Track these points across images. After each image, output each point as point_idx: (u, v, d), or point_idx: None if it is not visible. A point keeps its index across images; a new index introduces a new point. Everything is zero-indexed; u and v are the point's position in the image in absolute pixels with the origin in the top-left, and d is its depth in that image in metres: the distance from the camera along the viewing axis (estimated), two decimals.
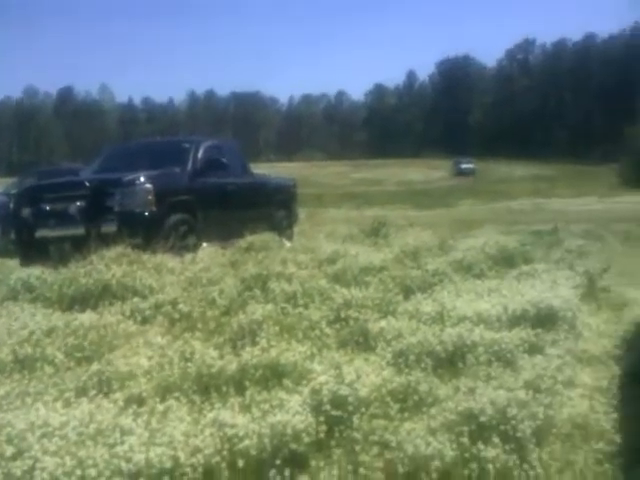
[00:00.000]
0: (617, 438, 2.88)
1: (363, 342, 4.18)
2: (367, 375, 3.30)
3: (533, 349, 3.95)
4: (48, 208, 8.15)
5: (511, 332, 4.12)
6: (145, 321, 4.78)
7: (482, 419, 2.82)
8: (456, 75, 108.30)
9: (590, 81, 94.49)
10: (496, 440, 2.68)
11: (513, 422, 2.77)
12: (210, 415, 2.86)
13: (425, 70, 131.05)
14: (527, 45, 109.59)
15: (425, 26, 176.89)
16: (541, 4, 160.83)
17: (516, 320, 4.44)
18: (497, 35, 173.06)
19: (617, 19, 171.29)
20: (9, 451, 2.46)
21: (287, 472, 2.53)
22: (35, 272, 6.22)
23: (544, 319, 4.48)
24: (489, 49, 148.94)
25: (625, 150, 55.58)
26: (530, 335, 4.08)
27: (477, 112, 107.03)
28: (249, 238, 8.26)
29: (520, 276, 6.05)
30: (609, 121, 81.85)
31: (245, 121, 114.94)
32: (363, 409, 2.98)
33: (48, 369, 3.75)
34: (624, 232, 12.59)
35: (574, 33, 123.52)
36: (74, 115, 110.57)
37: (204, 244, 8.38)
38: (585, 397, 3.28)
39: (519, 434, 2.73)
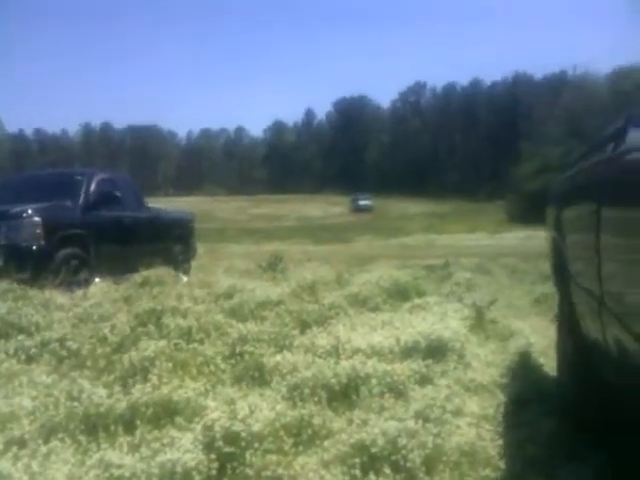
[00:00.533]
0: (502, 464, 3.00)
1: (258, 377, 4.15)
2: (261, 410, 3.27)
3: (424, 380, 4.05)
4: None
5: (403, 363, 4.21)
6: (30, 360, 4.54)
7: (373, 450, 2.86)
8: (353, 114, 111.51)
9: (478, 124, 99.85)
10: (387, 470, 2.72)
11: (403, 452, 2.82)
12: (96, 456, 2.75)
13: (322, 108, 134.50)
14: (419, 88, 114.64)
15: (323, 65, 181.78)
16: (431, 49, 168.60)
17: (408, 352, 4.54)
18: (390, 77, 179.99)
19: (501, 67, 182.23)
20: None
21: None
22: None
23: (434, 350, 4.61)
24: (383, 90, 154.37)
25: (510, 189, 58.82)
26: (421, 366, 4.19)
27: (373, 151, 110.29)
28: (144, 273, 8.09)
29: (412, 309, 6.22)
30: (495, 161, 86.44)
31: (143, 155, 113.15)
32: (256, 444, 2.95)
33: None
34: (511, 266, 13.23)
35: (462, 78, 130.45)
36: None
37: (97, 279, 8.15)
38: (472, 425, 3.38)
39: (409, 464, 2.78)
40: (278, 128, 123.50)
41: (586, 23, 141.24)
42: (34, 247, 7.54)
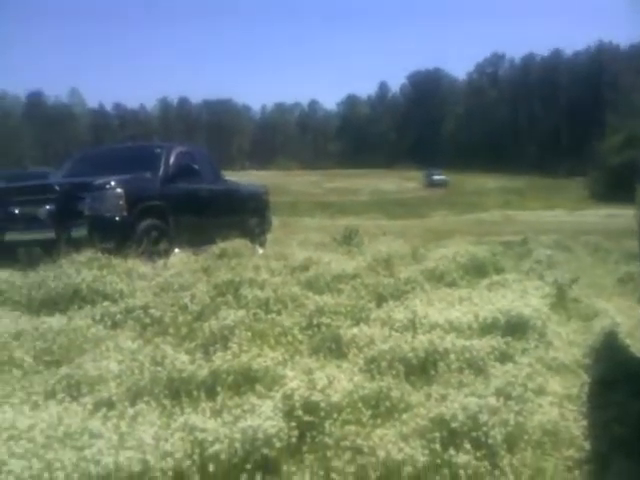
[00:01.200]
0: (586, 445, 2.92)
1: (335, 349, 4.18)
2: (339, 381, 3.29)
3: (504, 357, 3.99)
4: (17, 211, 8.01)
5: (482, 340, 4.15)
6: (115, 325, 4.72)
7: (453, 425, 2.83)
8: (427, 87, 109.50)
9: (558, 96, 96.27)
10: (467, 446, 2.69)
11: (484, 428, 2.79)
12: (181, 419, 2.83)
13: (397, 81, 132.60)
14: (496, 59, 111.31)
15: (397, 38, 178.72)
16: (510, 20, 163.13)
17: (487, 328, 4.47)
18: (467, 49, 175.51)
19: (583, 37, 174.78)
20: None
21: (258, 477, 2.51)
22: (3, 275, 6.13)
23: (514, 328, 4.52)
24: (459, 63, 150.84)
25: (593, 164, 56.64)
26: (501, 343, 4.12)
27: (448, 124, 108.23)
28: (222, 244, 8.23)
29: (491, 285, 6.11)
30: (576, 136, 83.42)
31: (218, 129, 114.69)
32: (335, 415, 2.98)
33: (16, 372, 3.68)
34: (593, 244, 12.79)
35: (542, 49, 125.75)
36: (44, 119, 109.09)
37: (176, 250, 8.32)
38: (555, 405, 3.31)
39: (490, 440, 2.75)
40: (352, 101, 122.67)
41: None
42: (117, 218, 7.74)
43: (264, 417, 2.82)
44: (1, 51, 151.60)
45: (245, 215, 11.03)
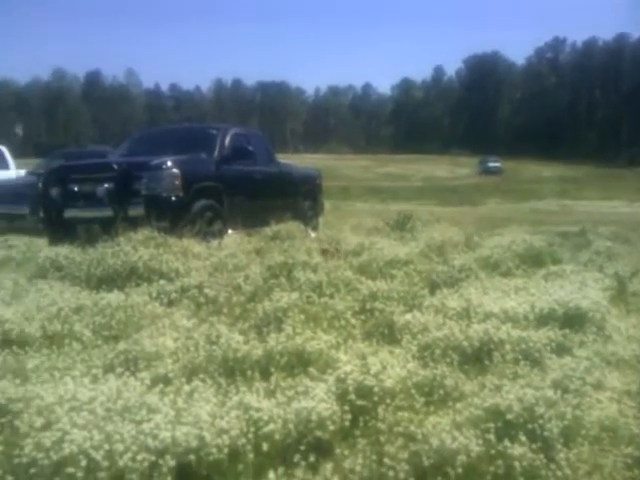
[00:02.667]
0: None
1: (388, 334, 4.16)
2: (392, 367, 3.27)
3: (561, 349, 3.91)
4: (76, 189, 8.22)
5: (538, 331, 4.07)
6: (171, 303, 4.82)
7: (509, 416, 2.79)
8: (484, 71, 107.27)
9: (621, 82, 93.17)
10: (523, 438, 2.65)
11: (541, 421, 2.74)
12: (236, 398, 2.87)
13: (452, 65, 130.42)
14: (557, 43, 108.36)
15: (453, 22, 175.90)
16: (572, 3, 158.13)
17: (543, 319, 4.38)
18: (526, 33, 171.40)
19: None
20: (39, 422, 2.49)
21: (312, 458, 2.53)
22: (63, 251, 6.30)
23: (572, 320, 4.42)
24: (518, 48, 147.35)
25: None
26: (558, 335, 4.03)
27: (505, 109, 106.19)
28: (275, 227, 8.27)
29: (548, 276, 5.98)
30: (639, 124, 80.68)
31: (271, 111, 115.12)
32: (388, 400, 2.97)
33: (76, 346, 3.80)
34: None
35: (605, 33, 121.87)
36: (101, 99, 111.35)
37: (230, 231, 8.41)
38: (614, 400, 3.23)
39: (546, 433, 2.70)
40: (406, 85, 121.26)
41: None
42: (173, 197, 7.85)
43: (317, 399, 2.83)
44: (60, 31, 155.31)
45: (298, 198, 11.06)
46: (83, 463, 2.29)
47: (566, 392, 3.09)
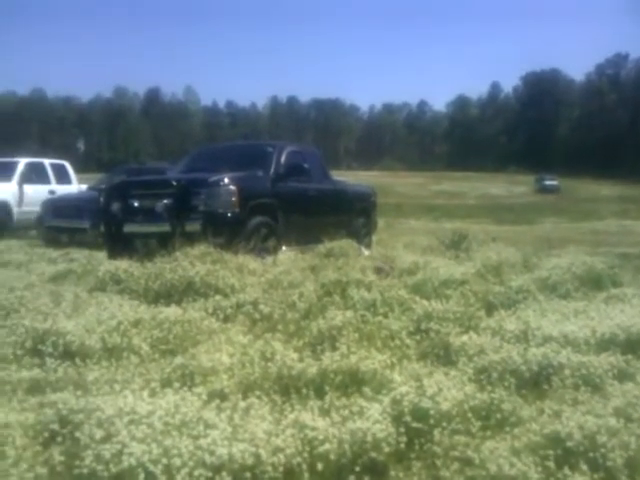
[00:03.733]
0: None
1: (444, 355, 4.11)
2: (448, 389, 3.23)
3: (623, 375, 3.77)
4: (136, 204, 8.44)
5: (599, 356, 3.95)
6: (227, 319, 4.87)
7: (569, 444, 2.71)
8: (542, 88, 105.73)
9: None
10: (584, 467, 2.57)
11: (603, 450, 2.65)
12: (291, 416, 2.88)
13: (509, 82, 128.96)
14: (619, 60, 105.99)
15: (510, 38, 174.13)
16: (632, 20, 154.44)
17: (604, 344, 4.25)
18: (583, 51, 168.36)
19: None
20: (99, 434, 2.55)
21: (366, 479, 2.51)
22: (122, 265, 6.44)
23: (634, 345, 4.26)
24: (576, 64, 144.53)
25: None
26: (620, 361, 3.90)
27: (563, 127, 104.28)
28: (328, 244, 8.30)
29: (608, 299, 5.80)
30: None
31: (325, 128, 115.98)
32: (444, 423, 2.92)
33: (134, 359, 3.88)
34: None
35: None
36: (160, 115, 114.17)
37: (284, 247, 8.48)
38: None
39: (609, 463, 2.61)
40: (462, 102, 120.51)
41: None
42: (229, 214, 7.97)
43: (372, 420, 2.81)
44: (122, 49, 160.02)
45: (352, 215, 11.09)
46: (141, 477, 2.33)
47: (629, 421, 2.98)
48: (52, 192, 15.70)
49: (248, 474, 2.42)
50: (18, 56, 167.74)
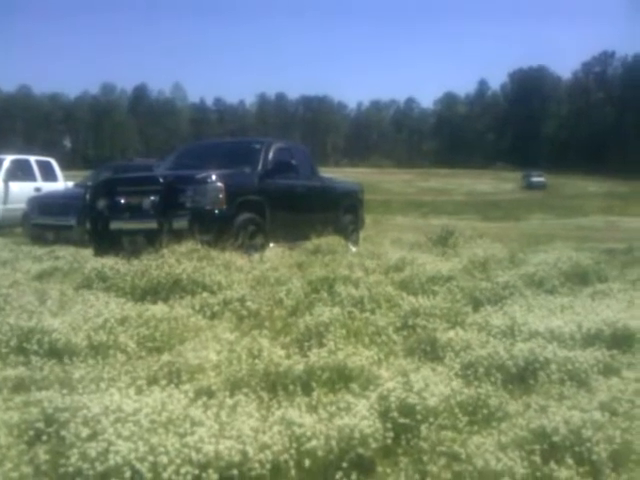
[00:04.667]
0: None
1: (430, 351, 4.12)
2: (435, 385, 3.23)
3: (608, 370, 3.80)
4: (123, 201, 8.39)
5: (585, 351, 3.97)
6: (214, 316, 4.86)
7: (555, 438, 2.73)
8: (529, 85, 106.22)
9: None
10: (570, 461, 2.59)
11: (588, 444, 2.67)
12: (278, 413, 2.87)
13: (497, 80, 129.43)
14: (606, 57, 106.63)
15: (497, 35, 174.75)
16: (619, 17, 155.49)
17: (590, 339, 4.27)
18: (570, 49, 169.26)
19: None
20: (84, 433, 2.53)
21: (354, 476, 2.51)
22: (108, 262, 6.42)
23: (620, 340, 4.30)
24: (563, 62, 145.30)
25: None
26: (605, 355, 3.93)
27: (550, 124, 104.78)
28: (316, 241, 8.30)
29: (594, 294, 5.84)
30: None
31: (313, 125, 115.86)
32: (431, 419, 2.93)
33: (121, 356, 3.87)
34: None
35: None
36: (147, 112, 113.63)
37: (271, 244, 8.47)
38: None
39: (594, 457, 2.63)
40: (449, 99, 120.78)
41: None
42: (216, 211, 7.95)
43: (359, 416, 2.81)
44: (110, 46, 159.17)
45: (339, 212, 11.10)
46: (127, 474, 2.32)
47: (614, 415, 3.00)
48: (38, 189, 15.58)
49: (235, 471, 2.41)
50: (3, 53, 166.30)
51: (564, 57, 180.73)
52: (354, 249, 9.82)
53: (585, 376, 3.65)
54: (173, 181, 8.21)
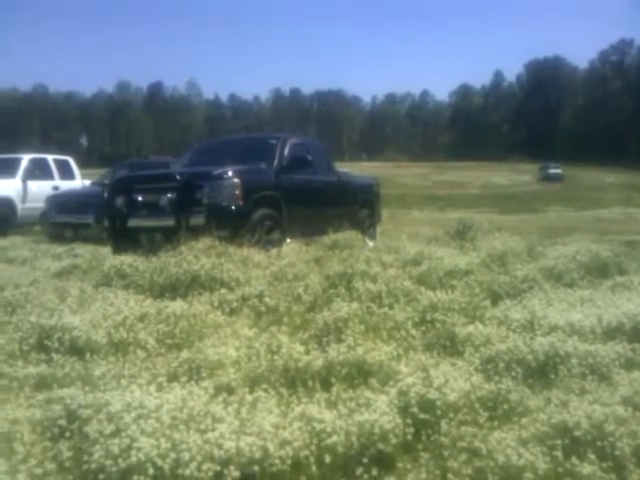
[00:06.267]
0: None
1: (450, 346, 4.10)
2: (455, 380, 3.22)
3: (630, 364, 3.76)
4: (140, 199, 8.42)
5: (606, 345, 3.94)
6: (232, 312, 4.87)
7: (577, 433, 2.70)
8: (545, 76, 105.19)
9: None
10: (592, 456, 2.57)
11: (611, 439, 2.65)
12: (298, 409, 2.88)
13: (512, 71, 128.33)
14: (623, 46, 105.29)
15: (512, 26, 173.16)
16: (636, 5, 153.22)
17: (611, 333, 4.24)
18: (587, 38, 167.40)
19: None
20: (107, 429, 2.55)
21: (374, 471, 2.51)
22: (127, 260, 6.45)
23: None
24: (579, 51, 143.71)
25: None
26: (627, 349, 3.89)
27: (567, 115, 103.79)
28: (333, 236, 8.29)
29: (614, 287, 5.79)
30: None
31: (328, 119, 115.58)
32: (451, 414, 2.92)
33: (141, 353, 3.90)
34: None
35: None
36: (163, 110, 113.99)
37: (288, 240, 8.46)
38: None
39: (617, 452, 2.60)
40: (465, 91, 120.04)
41: None
42: (233, 207, 7.94)
43: (379, 412, 2.81)
44: (124, 44, 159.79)
45: (356, 207, 11.07)
46: (150, 471, 2.33)
47: (637, 409, 2.97)
48: (56, 188, 15.71)
49: (256, 467, 2.42)
50: (20, 52, 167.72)
51: (581, 46, 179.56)
52: (371, 244, 9.80)
53: (606, 370, 3.62)
54: (190, 178, 8.22)
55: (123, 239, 8.29)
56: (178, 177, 8.31)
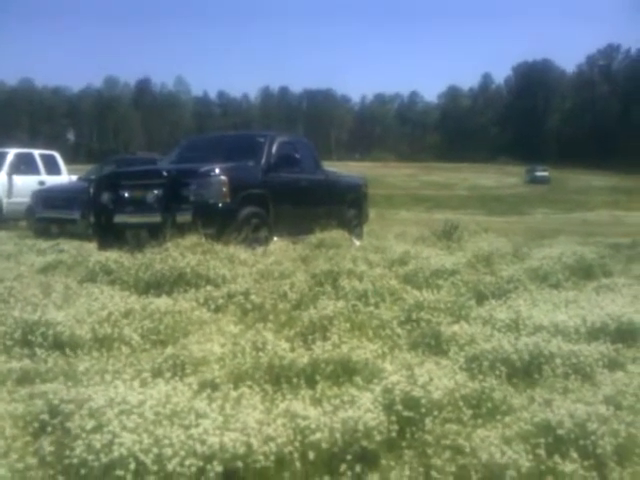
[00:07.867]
0: None
1: (435, 345, 4.11)
2: (439, 378, 3.23)
3: (613, 364, 3.79)
4: (127, 195, 8.39)
5: (590, 345, 3.97)
6: (218, 309, 4.86)
7: (560, 432, 2.72)
8: (534, 79, 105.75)
9: None
10: (574, 455, 2.58)
11: (593, 438, 2.66)
12: (282, 405, 2.87)
13: (501, 74, 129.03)
14: (611, 50, 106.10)
15: (501, 29, 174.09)
16: (624, 10, 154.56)
17: (595, 333, 4.27)
18: (575, 42, 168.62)
19: None
20: (89, 424, 2.53)
21: (358, 468, 2.51)
22: (112, 256, 6.43)
23: (625, 334, 4.29)
24: (567, 55, 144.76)
25: None
26: (610, 350, 3.92)
27: (554, 118, 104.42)
28: (320, 235, 8.29)
29: (599, 289, 5.84)
30: None
31: (317, 118, 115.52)
32: (435, 412, 2.93)
33: (125, 349, 3.87)
34: None
35: None
36: (151, 106, 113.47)
37: (275, 238, 8.46)
38: None
39: (599, 451, 2.62)
40: (453, 93, 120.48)
41: None
42: (220, 204, 7.93)
43: (364, 409, 2.81)
44: (113, 40, 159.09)
45: (343, 206, 11.08)
46: (132, 466, 2.32)
47: (619, 408, 3.00)
48: (42, 183, 15.60)
49: (239, 463, 2.42)
50: (6, 45, 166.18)
51: (569, 50, 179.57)
52: (358, 243, 9.81)
53: (590, 370, 3.65)
54: (177, 175, 8.20)
55: (109, 235, 8.25)
56: (165, 174, 8.29)
